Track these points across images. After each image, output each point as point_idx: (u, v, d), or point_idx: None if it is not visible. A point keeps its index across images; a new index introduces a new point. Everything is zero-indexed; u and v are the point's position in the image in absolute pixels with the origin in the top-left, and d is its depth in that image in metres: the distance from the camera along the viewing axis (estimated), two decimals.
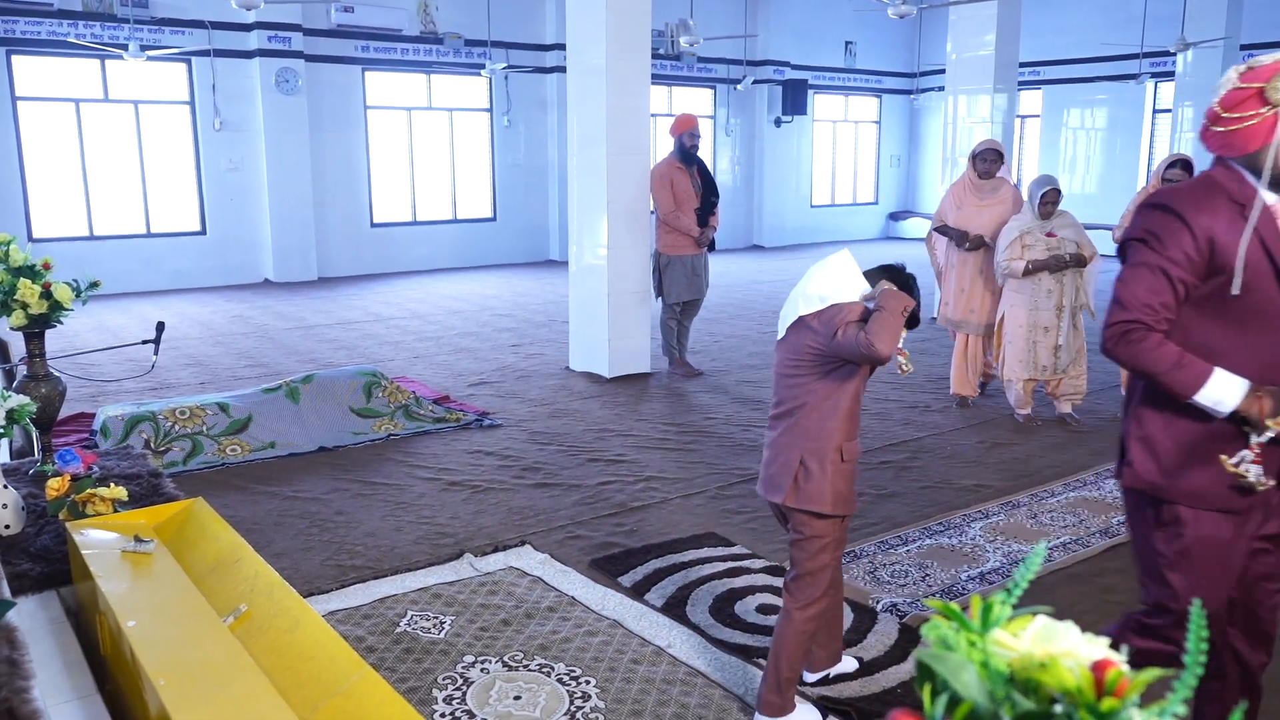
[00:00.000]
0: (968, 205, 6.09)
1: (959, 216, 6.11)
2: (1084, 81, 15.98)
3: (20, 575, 2.88)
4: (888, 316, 2.53)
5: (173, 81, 11.90)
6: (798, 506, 2.71)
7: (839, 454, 2.68)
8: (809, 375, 2.70)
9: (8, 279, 3.64)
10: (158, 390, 6.73)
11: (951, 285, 6.25)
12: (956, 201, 6.16)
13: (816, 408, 2.70)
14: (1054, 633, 0.70)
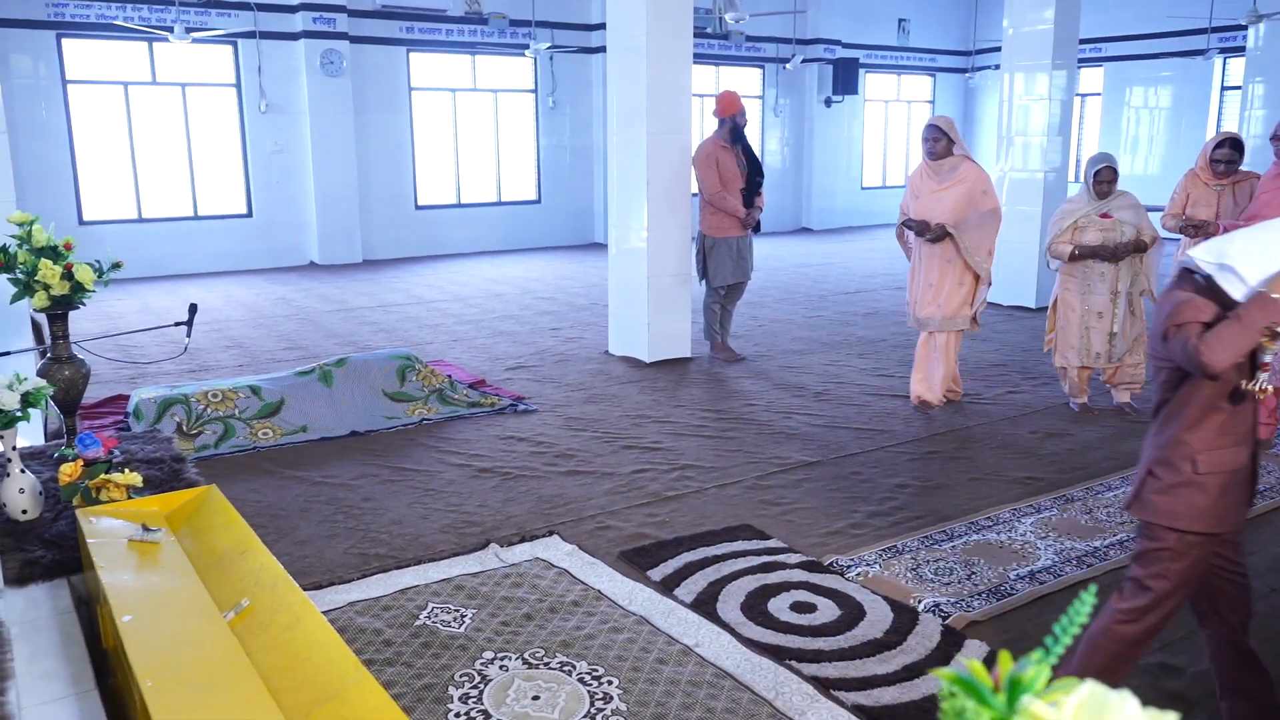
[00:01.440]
0: (925, 193, 5.52)
1: (918, 207, 5.54)
2: (1148, 58, 15.42)
3: (32, 562, 2.81)
4: (1237, 329, 2.13)
5: (219, 64, 11.94)
6: (1140, 516, 2.43)
7: (1190, 464, 2.32)
8: (1165, 365, 2.36)
9: (30, 260, 3.59)
10: (196, 372, 6.72)
11: (920, 280, 5.67)
12: (914, 191, 5.61)
13: (1173, 408, 2.34)
14: (1104, 705, 0.54)
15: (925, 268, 5.61)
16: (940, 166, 5.49)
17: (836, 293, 10.21)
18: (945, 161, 5.48)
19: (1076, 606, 0.57)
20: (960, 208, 5.41)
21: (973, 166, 5.48)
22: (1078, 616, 0.56)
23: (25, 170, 10.63)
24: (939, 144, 5.44)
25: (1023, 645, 3.04)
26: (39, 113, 10.92)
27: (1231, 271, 2.18)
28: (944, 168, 5.48)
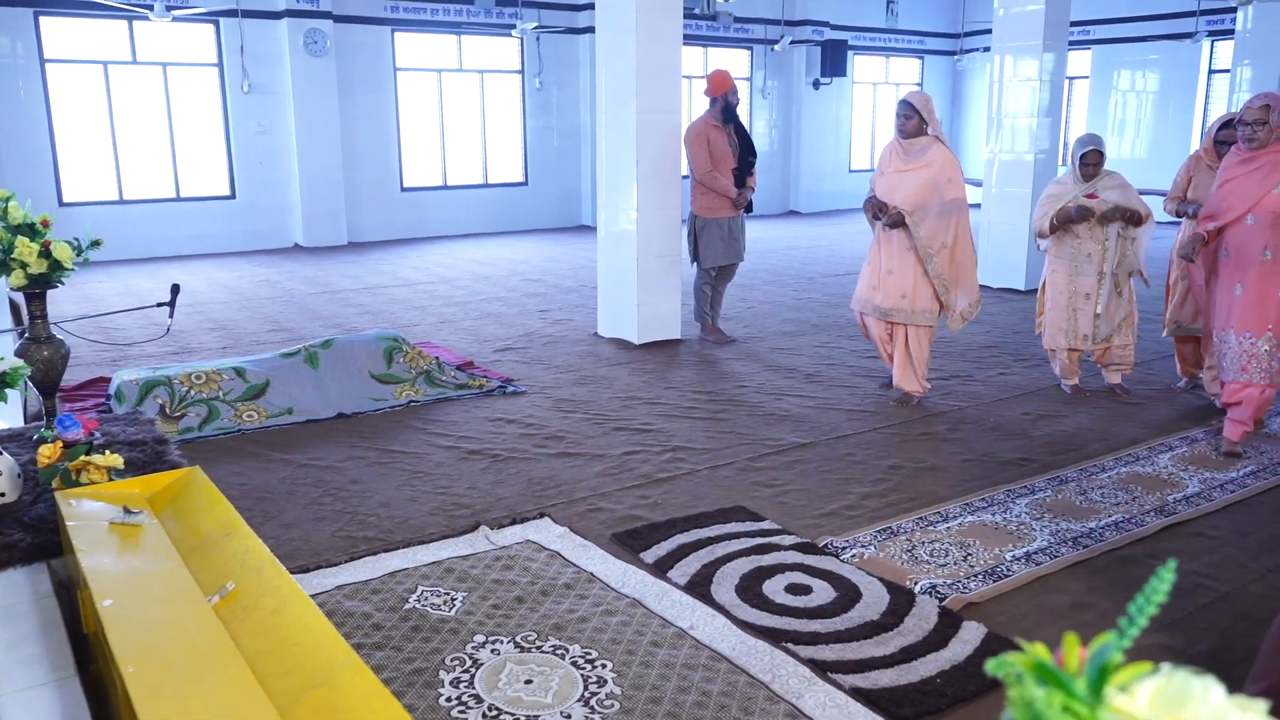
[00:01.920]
0: (890, 171, 5.21)
1: (882, 184, 5.23)
2: (1136, 41, 15.39)
3: (10, 546, 2.74)
4: None
5: (200, 43, 11.76)
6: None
7: None
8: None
9: (6, 237, 3.50)
10: (179, 355, 6.62)
11: (879, 265, 5.31)
12: (880, 168, 5.31)
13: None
14: (1185, 693, 0.49)
15: (885, 252, 5.29)
16: (910, 146, 5.17)
17: (826, 275, 10.17)
18: (916, 141, 5.16)
19: (1154, 584, 0.51)
20: (923, 193, 5.08)
21: (943, 151, 5.14)
22: (1155, 595, 0.51)
23: (3, 151, 10.46)
24: (910, 121, 5.13)
25: (1020, 627, 3.01)
26: (16, 93, 10.73)
27: None
28: (914, 148, 5.16)
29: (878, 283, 5.29)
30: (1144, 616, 0.50)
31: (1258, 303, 4.41)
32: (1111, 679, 0.46)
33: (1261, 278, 4.40)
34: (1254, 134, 4.39)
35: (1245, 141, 4.42)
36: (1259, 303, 4.41)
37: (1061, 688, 0.45)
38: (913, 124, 5.13)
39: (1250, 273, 4.42)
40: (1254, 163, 4.41)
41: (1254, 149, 4.40)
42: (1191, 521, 3.85)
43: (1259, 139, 4.38)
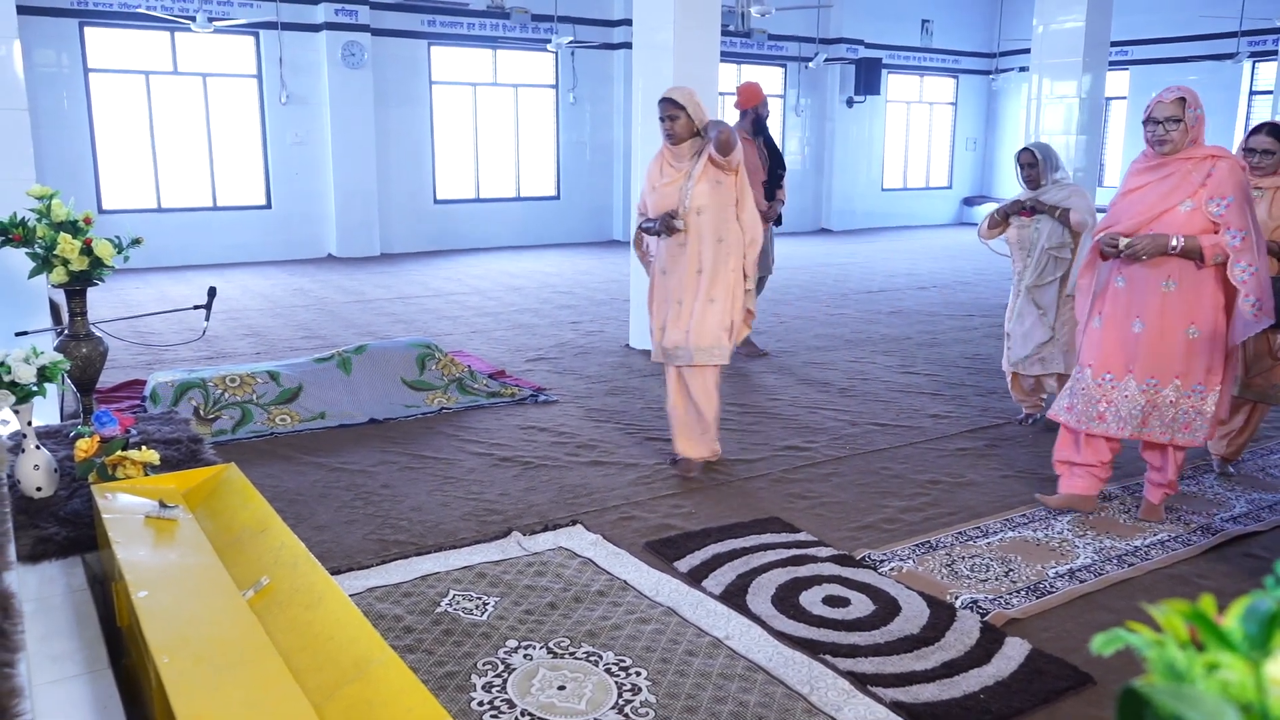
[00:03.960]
0: (661, 184, 4.29)
1: (655, 201, 4.31)
2: (1175, 61, 15.23)
3: (46, 539, 2.74)
4: None
5: (240, 54, 11.91)
6: None
7: None
8: None
9: (49, 234, 3.52)
10: (213, 359, 6.66)
11: (665, 297, 4.36)
12: (650, 183, 4.36)
13: None
14: None
15: (667, 281, 4.34)
16: (681, 153, 4.25)
17: (859, 291, 10.09)
18: (686, 146, 4.23)
19: None
20: (708, 198, 4.23)
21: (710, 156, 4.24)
22: None
23: (46, 158, 10.61)
24: (677, 123, 4.17)
25: (1065, 644, 2.93)
26: (60, 102, 10.91)
27: None
28: (685, 153, 4.24)
29: (668, 319, 4.33)
30: None
31: (1160, 343, 3.60)
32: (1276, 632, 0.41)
33: (1164, 313, 3.58)
34: (1166, 134, 3.48)
35: (1155, 144, 3.53)
36: (1162, 343, 3.60)
37: (1222, 641, 0.41)
38: (680, 124, 4.18)
39: (1151, 306, 3.59)
40: (1163, 170, 3.54)
41: (1165, 153, 3.52)
42: (1241, 540, 3.74)
43: (1172, 140, 3.48)
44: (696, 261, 4.25)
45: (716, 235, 4.24)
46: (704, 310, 4.25)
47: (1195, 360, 3.59)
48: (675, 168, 4.28)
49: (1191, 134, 3.50)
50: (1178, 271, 3.53)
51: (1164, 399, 3.64)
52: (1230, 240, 3.43)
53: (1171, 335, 3.58)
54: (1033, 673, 2.74)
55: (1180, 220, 3.48)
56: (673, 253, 4.30)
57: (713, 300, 4.25)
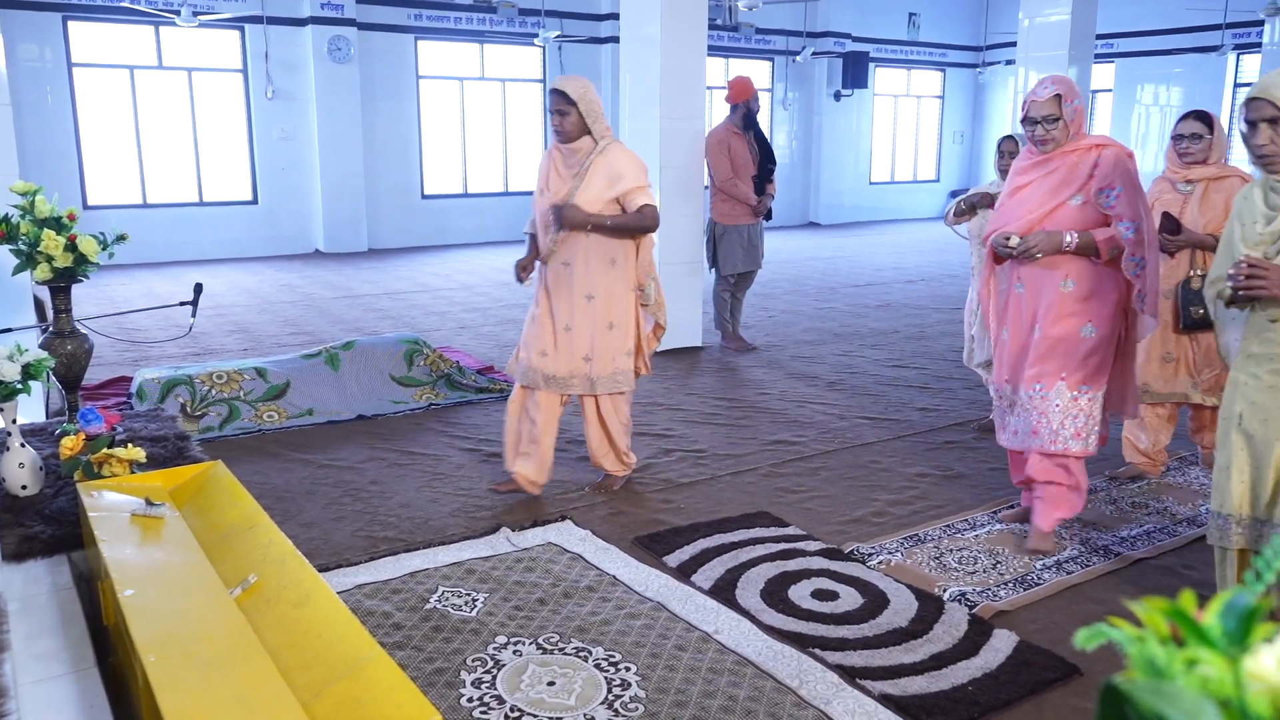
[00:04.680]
0: (551, 188, 3.85)
1: (540, 205, 3.92)
2: (1160, 54, 15.28)
3: (31, 537, 2.72)
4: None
5: (226, 49, 11.83)
6: None
7: None
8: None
9: (33, 230, 3.50)
10: (200, 355, 6.63)
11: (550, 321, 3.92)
12: (540, 184, 3.96)
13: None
14: None
15: (556, 303, 3.87)
16: (572, 154, 3.79)
17: (847, 285, 10.11)
18: (580, 145, 3.78)
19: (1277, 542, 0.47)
20: (595, 206, 3.74)
21: (619, 154, 3.82)
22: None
23: (31, 154, 10.53)
24: (566, 119, 3.73)
25: (1052, 635, 2.95)
26: (44, 97, 10.83)
27: None
28: (578, 154, 3.79)
29: (550, 344, 3.90)
30: (1271, 571, 0.46)
31: (1054, 345, 3.37)
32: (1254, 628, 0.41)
33: (1063, 315, 3.34)
34: (1046, 134, 3.27)
35: (1037, 144, 3.32)
36: (1055, 345, 3.37)
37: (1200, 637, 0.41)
38: (571, 121, 3.73)
39: (1050, 309, 3.36)
40: (1048, 165, 3.32)
41: (1048, 151, 3.31)
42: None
43: (1053, 139, 3.27)
44: (585, 286, 3.81)
45: (609, 257, 3.80)
46: (604, 338, 3.88)
47: (1088, 360, 3.36)
48: (563, 173, 3.79)
49: (1073, 128, 3.28)
50: (1075, 270, 3.31)
51: (1050, 404, 3.38)
52: (1125, 232, 3.22)
53: (1068, 336, 3.35)
54: (1020, 664, 2.76)
55: (1073, 215, 3.28)
56: (557, 273, 3.85)
57: (612, 326, 3.89)
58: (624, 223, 3.78)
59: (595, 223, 3.73)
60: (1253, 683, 0.41)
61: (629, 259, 3.90)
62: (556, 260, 3.85)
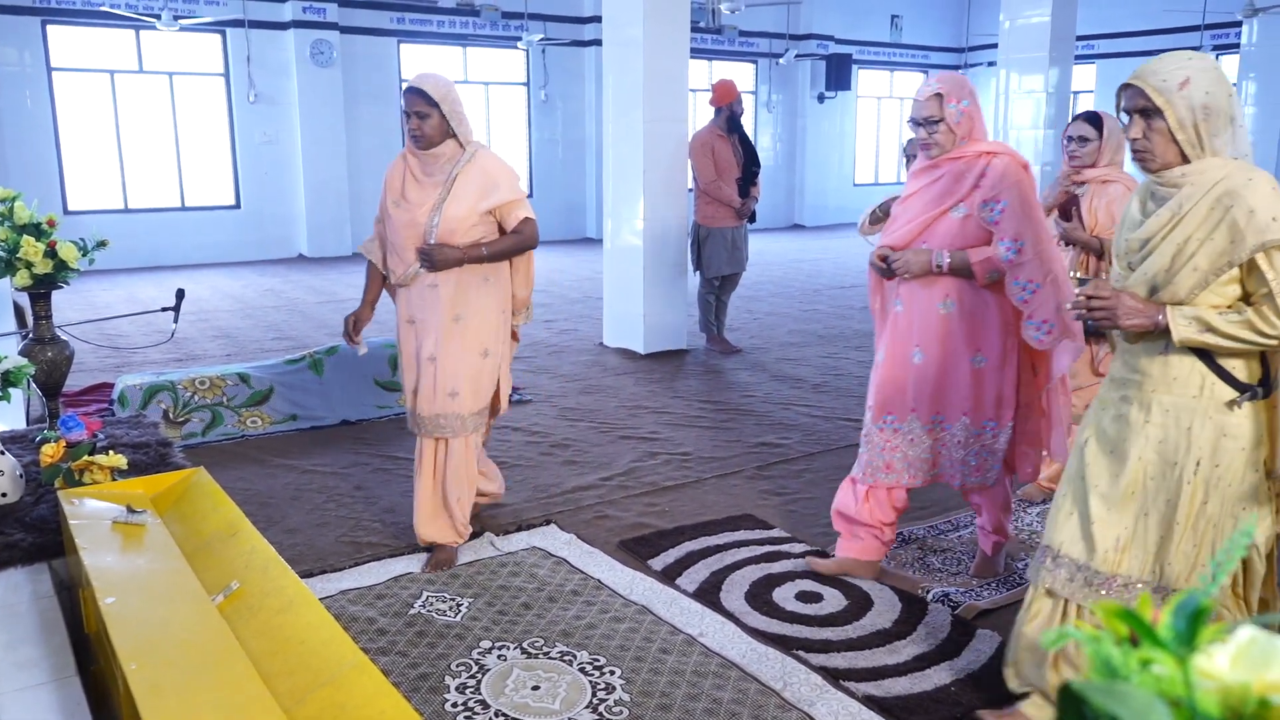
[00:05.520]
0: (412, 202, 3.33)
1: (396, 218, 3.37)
2: (1140, 55, 15.37)
3: (11, 545, 2.70)
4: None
5: (207, 53, 11.79)
6: None
7: None
8: None
9: (12, 237, 3.48)
10: (183, 361, 6.60)
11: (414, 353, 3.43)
12: (393, 197, 3.39)
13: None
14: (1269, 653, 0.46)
15: (421, 331, 3.38)
16: (432, 161, 3.31)
17: (831, 287, 10.14)
18: (442, 151, 3.30)
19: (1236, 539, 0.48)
20: (467, 222, 3.28)
21: (491, 158, 3.40)
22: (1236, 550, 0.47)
23: (9, 159, 10.47)
24: (427, 123, 3.25)
25: None
26: (23, 101, 10.76)
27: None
28: (440, 160, 3.31)
29: (414, 379, 3.41)
30: (1223, 573, 0.47)
31: (943, 375, 3.07)
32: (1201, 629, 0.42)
33: (944, 339, 3.04)
34: (929, 137, 2.97)
35: (922, 149, 3.05)
36: (944, 374, 3.07)
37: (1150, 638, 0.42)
38: (432, 125, 3.25)
39: (930, 332, 3.06)
40: (935, 172, 3.02)
41: (934, 156, 3.01)
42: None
43: (938, 143, 2.97)
44: (453, 307, 3.33)
45: (481, 274, 3.34)
46: (476, 369, 3.39)
47: (984, 392, 3.06)
48: (423, 182, 3.32)
49: (960, 131, 2.95)
50: (955, 290, 2.99)
51: (952, 438, 3.11)
52: (1005, 252, 2.88)
53: (955, 365, 3.05)
54: (1002, 664, 2.77)
55: (954, 229, 2.96)
56: (421, 297, 3.35)
57: (486, 354, 3.41)
58: (502, 249, 3.33)
59: (472, 258, 3.27)
60: (1203, 681, 0.43)
61: (503, 276, 3.44)
62: (421, 283, 3.34)
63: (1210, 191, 2.01)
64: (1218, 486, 2.12)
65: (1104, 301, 2.11)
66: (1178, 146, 2.04)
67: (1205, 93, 2.00)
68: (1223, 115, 2.02)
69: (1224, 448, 2.10)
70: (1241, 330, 1.99)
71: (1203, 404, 2.10)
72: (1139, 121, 2.07)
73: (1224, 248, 1.99)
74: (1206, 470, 2.11)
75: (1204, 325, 2.01)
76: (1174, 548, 2.16)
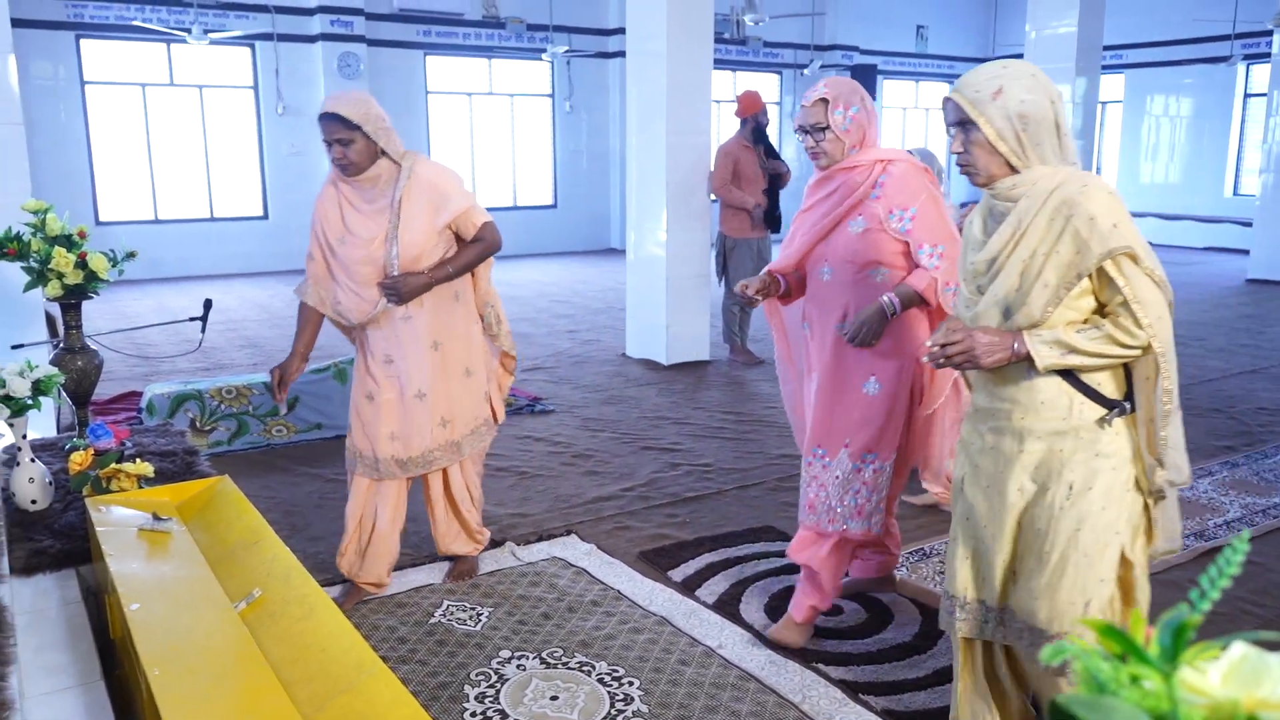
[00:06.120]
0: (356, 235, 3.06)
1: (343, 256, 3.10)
2: (1170, 65, 15.29)
3: (40, 551, 2.75)
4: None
5: (237, 66, 11.95)
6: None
7: None
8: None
9: (44, 248, 3.54)
10: (210, 370, 6.68)
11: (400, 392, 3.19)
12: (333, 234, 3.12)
13: None
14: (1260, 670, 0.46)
15: (403, 368, 3.14)
16: (372, 184, 3.02)
17: None
18: (377, 173, 3.00)
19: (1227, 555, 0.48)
20: (428, 244, 3.04)
21: (432, 168, 3.08)
22: (1228, 567, 0.48)
23: (43, 170, 10.64)
24: (351, 149, 2.93)
25: None
26: (57, 114, 10.95)
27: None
28: (379, 183, 3.02)
29: (398, 421, 3.18)
30: (1216, 589, 0.47)
31: (834, 402, 2.81)
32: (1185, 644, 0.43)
33: (838, 364, 2.80)
34: (816, 145, 2.75)
35: (810, 157, 2.81)
36: (835, 402, 2.81)
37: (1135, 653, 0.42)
38: (357, 150, 2.94)
39: (826, 353, 2.82)
40: (830, 184, 2.80)
41: (824, 166, 2.79)
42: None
43: (825, 152, 2.75)
44: (430, 334, 3.14)
45: (451, 292, 3.16)
46: (462, 390, 3.24)
47: (871, 422, 2.79)
48: (365, 210, 3.04)
49: (850, 139, 2.73)
50: (856, 308, 2.74)
51: (830, 475, 2.84)
52: (930, 260, 2.70)
53: (846, 391, 2.80)
54: None
55: (853, 242, 2.74)
56: (395, 331, 3.12)
57: (469, 373, 3.27)
58: (468, 262, 3.12)
59: (439, 279, 3.06)
60: (1193, 697, 0.43)
61: (470, 289, 3.27)
62: (392, 318, 3.11)
63: (1047, 202, 1.93)
64: (1091, 511, 1.97)
65: (959, 344, 1.97)
66: (1002, 158, 1.97)
67: (1021, 101, 1.92)
68: (1044, 123, 1.94)
69: (1098, 468, 1.97)
70: (1104, 346, 1.90)
71: (1073, 425, 1.98)
72: (959, 135, 2.01)
73: (1070, 259, 1.90)
74: (1080, 495, 1.97)
75: (1066, 347, 1.91)
76: (1042, 583, 2.01)
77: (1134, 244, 1.87)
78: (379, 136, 2.95)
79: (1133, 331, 1.89)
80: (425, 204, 3.02)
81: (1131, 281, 1.88)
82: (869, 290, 2.73)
